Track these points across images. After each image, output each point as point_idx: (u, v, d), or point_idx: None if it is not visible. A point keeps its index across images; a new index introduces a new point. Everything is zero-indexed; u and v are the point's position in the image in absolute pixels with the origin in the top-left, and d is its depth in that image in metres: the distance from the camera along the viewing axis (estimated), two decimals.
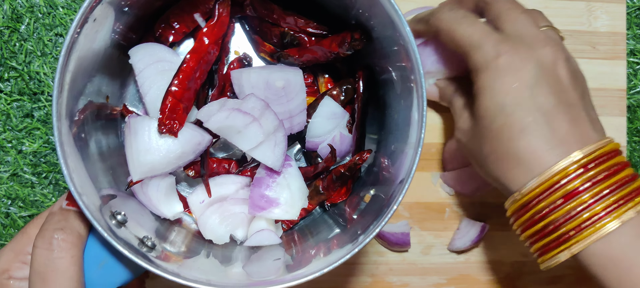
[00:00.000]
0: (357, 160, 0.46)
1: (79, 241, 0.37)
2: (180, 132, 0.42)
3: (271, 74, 0.45)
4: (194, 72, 0.43)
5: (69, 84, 0.37)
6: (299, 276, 0.38)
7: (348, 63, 0.49)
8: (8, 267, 0.38)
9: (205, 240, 0.47)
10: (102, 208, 0.38)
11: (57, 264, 0.35)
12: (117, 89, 0.47)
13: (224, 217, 0.46)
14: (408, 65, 0.39)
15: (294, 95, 0.45)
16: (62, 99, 0.36)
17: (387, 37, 0.41)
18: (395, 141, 0.44)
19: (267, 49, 0.49)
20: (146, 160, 0.41)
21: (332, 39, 0.45)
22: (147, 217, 0.44)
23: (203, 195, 0.46)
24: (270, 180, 0.44)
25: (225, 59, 0.48)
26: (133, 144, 0.42)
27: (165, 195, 0.44)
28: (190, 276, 0.37)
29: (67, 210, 0.38)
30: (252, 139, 0.42)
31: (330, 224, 0.48)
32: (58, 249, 0.36)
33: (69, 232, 0.36)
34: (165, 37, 0.47)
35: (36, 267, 0.36)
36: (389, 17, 0.38)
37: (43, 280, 0.35)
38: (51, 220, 0.37)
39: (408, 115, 0.41)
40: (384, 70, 0.45)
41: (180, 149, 0.42)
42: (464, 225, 0.55)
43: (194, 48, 0.44)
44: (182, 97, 0.43)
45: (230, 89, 0.47)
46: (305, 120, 0.47)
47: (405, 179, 0.39)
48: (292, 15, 0.46)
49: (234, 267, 0.43)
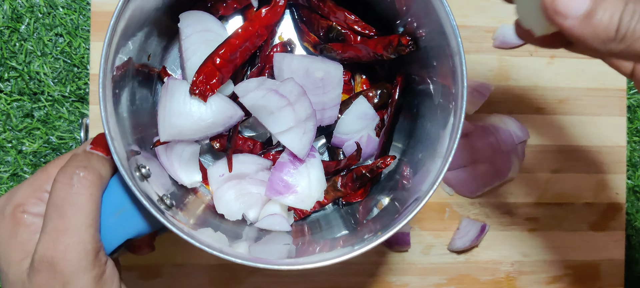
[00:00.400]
0: (380, 164, 0.46)
1: (99, 181, 0.37)
2: (215, 103, 0.43)
3: (312, 64, 0.46)
4: (238, 49, 0.44)
5: (121, 31, 0.37)
6: (301, 262, 0.38)
7: (387, 68, 0.50)
8: (24, 202, 0.38)
9: (217, 215, 0.47)
10: (129, 158, 0.39)
11: (75, 199, 0.36)
12: (160, 50, 0.48)
13: (240, 195, 0.46)
14: (452, 76, 0.39)
15: (331, 88, 0.46)
16: (112, 44, 0.37)
17: (434, 47, 0.41)
18: (424, 150, 0.44)
19: (311, 40, 0.50)
20: (177, 122, 0.42)
21: (378, 40, 0.45)
22: (166, 180, 0.45)
23: (223, 169, 0.46)
24: (292, 167, 0.45)
25: (270, 41, 0.49)
26: (167, 104, 0.42)
27: (187, 162, 0.45)
28: (204, 240, 0.37)
29: (90, 153, 0.39)
30: (283, 123, 0.43)
31: (340, 223, 0.48)
32: (78, 185, 0.36)
33: (91, 171, 0.37)
34: (215, 9, 0.47)
35: (55, 200, 0.36)
36: (442, 26, 0.38)
37: (60, 213, 0.36)
38: (75, 159, 0.38)
39: (443, 125, 0.41)
40: (423, 79, 0.45)
41: (211, 119, 0.43)
42: (464, 225, 0.55)
43: (244, 26, 0.44)
44: (221, 67, 0.43)
45: (270, 71, 0.47)
46: (336, 114, 0.47)
47: (428, 189, 0.39)
48: (342, 11, 0.47)
49: (240, 246, 0.43)
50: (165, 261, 0.54)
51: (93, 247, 0.36)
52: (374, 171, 0.46)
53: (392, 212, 0.42)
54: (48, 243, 0.35)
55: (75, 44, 0.54)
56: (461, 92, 0.38)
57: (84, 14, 0.54)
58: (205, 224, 0.45)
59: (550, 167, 0.58)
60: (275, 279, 0.56)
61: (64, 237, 0.35)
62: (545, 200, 0.58)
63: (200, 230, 0.43)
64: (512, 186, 0.58)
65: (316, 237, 0.46)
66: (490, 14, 0.56)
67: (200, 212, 0.46)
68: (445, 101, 0.41)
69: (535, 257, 0.58)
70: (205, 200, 0.48)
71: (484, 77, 0.57)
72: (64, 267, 0.35)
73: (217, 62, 0.43)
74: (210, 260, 0.55)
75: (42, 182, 0.39)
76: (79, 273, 0.35)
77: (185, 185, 0.46)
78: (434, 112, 0.43)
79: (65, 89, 0.54)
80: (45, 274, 0.35)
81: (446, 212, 0.57)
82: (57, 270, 0.35)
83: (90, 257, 0.36)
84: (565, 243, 0.58)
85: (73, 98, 0.55)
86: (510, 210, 0.57)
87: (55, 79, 0.54)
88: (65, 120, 0.55)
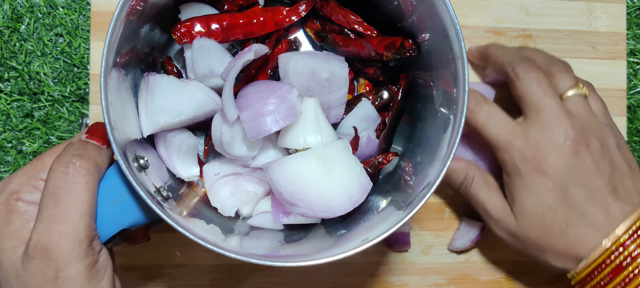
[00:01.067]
0: (381, 160, 0.46)
1: (95, 170, 0.38)
2: (194, 95, 0.43)
3: (318, 65, 0.45)
4: (239, 24, 0.45)
5: (125, 20, 0.37)
6: (299, 259, 0.38)
7: (388, 70, 0.50)
8: (19, 189, 0.38)
9: (211, 208, 0.47)
10: (127, 149, 0.39)
11: (71, 187, 0.36)
12: (163, 41, 0.48)
13: (235, 191, 0.46)
14: (454, 80, 0.39)
15: (337, 88, 0.46)
16: (116, 32, 0.37)
17: (437, 51, 0.41)
18: (423, 153, 0.44)
19: (314, 27, 0.49)
20: (158, 119, 0.42)
21: (381, 39, 0.45)
22: (163, 172, 0.45)
23: (219, 167, 0.46)
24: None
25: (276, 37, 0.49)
26: (147, 100, 0.43)
27: (185, 155, 0.45)
28: (199, 234, 0.37)
29: (86, 142, 0.39)
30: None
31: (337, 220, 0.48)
32: (74, 173, 0.36)
33: (87, 159, 0.37)
34: (221, 4, 0.48)
35: (50, 188, 0.36)
36: (445, 30, 0.38)
37: (55, 201, 0.36)
38: (70, 148, 0.38)
39: (443, 129, 0.41)
40: (425, 83, 0.45)
41: (192, 113, 0.43)
42: (464, 226, 0.55)
43: (257, 10, 0.45)
44: (213, 29, 0.44)
45: (273, 69, 0.47)
46: (342, 113, 0.47)
47: (426, 192, 0.38)
48: (346, 11, 0.47)
49: (232, 239, 0.43)
50: (166, 262, 0.54)
51: (87, 235, 0.36)
52: (376, 166, 0.46)
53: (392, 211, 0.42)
54: (42, 230, 0.36)
55: (75, 44, 0.54)
56: (462, 97, 0.38)
57: (84, 14, 0.54)
58: (198, 216, 0.44)
59: None
60: (276, 279, 0.55)
61: (58, 224, 0.35)
62: None
63: (194, 221, 0.43)
64: None
65: (313, 235, 0.46)
66: (490, 14, 0.56)
67: (195, 204, 0.46)
68: (446, 105, 0.41)
69: None
70: (200, 193, 0.48)
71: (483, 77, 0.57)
72: (58, 254, 0.35)
73: (210, 21, 0.43)
74: (211, 261, 0.55)
75: (37, 170, 0.39)
76: (71, 261, 0.36)
77: (183, 178, 0.46)
78: (435, 115, 0.43)
79: (65, 89, 0.54)
80: (39, 261, 0.35)
81: (446, 212, 0.57)
82: (50, 258, 0.35)
83: (84, 245, 0.36)
84: None
85: (73, 98, 0.55)
86: None
87: (55, 79, 0.54)
88: (65, 120, 0.55)
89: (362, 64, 0.49)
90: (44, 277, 0.36)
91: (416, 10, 0.42)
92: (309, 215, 0.41)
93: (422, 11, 0.41)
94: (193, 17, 0.45)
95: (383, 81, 0.50)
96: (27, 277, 0.36)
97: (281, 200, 0.41)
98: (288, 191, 0.40)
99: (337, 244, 0.42)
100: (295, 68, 0.45)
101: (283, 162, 0.41)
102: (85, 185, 0.37)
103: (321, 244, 0.43)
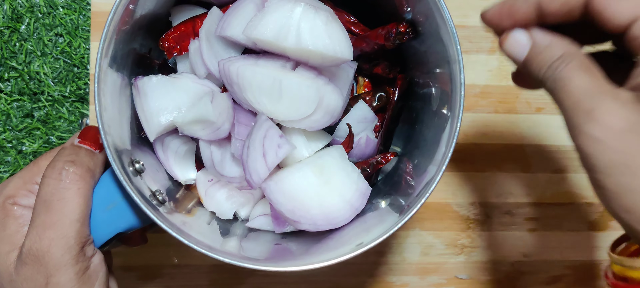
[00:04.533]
0: (380, 160, 0.45)
1: (88, 175, 0.38)
2: (189, 87, 0.43)
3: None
4: None
5: (119, 23, 0.37)
6: (299, 263, 0.38)
7: (396, 68, 0.49)
8: (15, 193, 0.39)
9: (208, 211, 0.47)
10: (122, 153, 0.39)
11: (63, 194, 0.36)
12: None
13: (231, 194, 0.46)
14: (451, 83, 0.39)
15: (341, 86, 0.45)
16: (110, 36, 0.37)
17: (434, 53, 0.41)
18: (421, 156, 0.44)
19: None
20: (158, 120, 0.42)
21: (378, 30, 0.45)
22: (161, 175, 0.45)
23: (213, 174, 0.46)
24: None
25: None
26: (144, 105, 0.42)
27: (182, 159, 0.45)
28: (193, 239, 0.37)
29: (78, 147, 0.39)
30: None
31: None
32: (67, 180, 0.37)
33: (79, 165, 0.37)
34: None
35: (43, 195, 0.36)
36: (440, 34, 0.38)
37: (48, 207, 0.36)
38: (62, 153, 0.38)
39: (440, 132, 0.41)
40: (423, 85, 0.45)
41: (190, 103, 0.43)
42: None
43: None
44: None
45: None
46: (342, 112, 0.46)
47: (424, 194, 0.38)
48: (341, 12, 0.47)
49: (231, 240, 0.43)
50: (165, 262, 0.54)
51: (77, 241, 0.36)
52: (374, 166, 0.46)
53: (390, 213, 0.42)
54: (35, 237, 0.36)
55: (75, 44, 0.54)
56: (459, 100, 0.38)
57: (84, 14, 0.54)
58: (197, 217, 0.45)
59: (550, 167, 0.58)
60: (276, 279, 0.55)
61: (49, 231, 0.36)
62: (545, 200, 0.58)
63: (193, 223, 0.43)
64: (512, 186, 0.58)
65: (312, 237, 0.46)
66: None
67: (193, 206, 0.46)
68: (443, 107, 0.41)
69: (535, 257, 0.58)
70: (198, 195, 0.48)
71: (483, 77, 0.57)
72: (48, 261, 0.35)
73: (196, 26, 0.42)
74: (210, 261, 0.55)
75: (33, 175, 0.39)
76: (61, 268, 0.36)
77: (180, 181, 0.46)
78: (432, 118, 0.43)
79: (65, 89, 0.54)
80: (31, 267, 0.36)
81: (446, 212, 0.57)
82: (41, 264, 0.36)
83: (74, 251, 0.36)
84: (565, 243, 0.58)
85: (73, 98, 0.55)
86: (510, 210, 0.57)
87: (55, 79, 0.54)
88: (65, 120, 0.55)
89: (369, 64, 0.49)
90: (35, 282, 0.36)
91: (413, 10, 0.42)
92: (312, 229, 0.41)
93: (417, 13, 0.41)
94: (178, 24, 0.44)
95: (383, 82, 0.50)
96: (19, 282, 0.36)
97: (283, 218, 0.41)
98: (288, 209, 0.40)
99: (335, 246, 0.42)
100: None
101: (280, 179, 0.40)
102: (77, 191, 0.37)
103: (320, 244, 0.43)
